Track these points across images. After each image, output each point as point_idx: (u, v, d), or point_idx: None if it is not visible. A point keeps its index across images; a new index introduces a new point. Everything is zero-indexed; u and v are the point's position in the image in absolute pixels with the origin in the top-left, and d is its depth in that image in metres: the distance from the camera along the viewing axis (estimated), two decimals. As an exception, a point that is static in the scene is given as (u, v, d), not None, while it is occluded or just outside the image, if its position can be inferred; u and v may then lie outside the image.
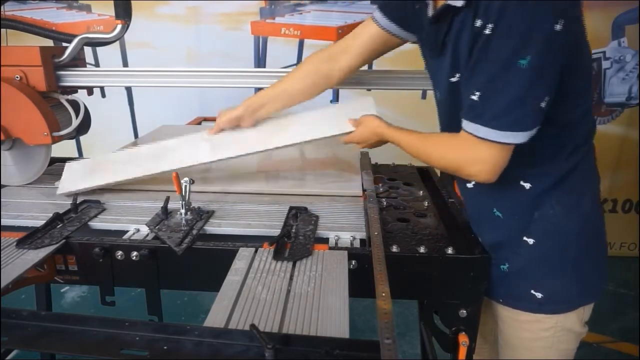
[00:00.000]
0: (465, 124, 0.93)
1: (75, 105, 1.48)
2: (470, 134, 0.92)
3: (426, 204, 1.32)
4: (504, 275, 1.07)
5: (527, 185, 1.00)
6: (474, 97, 0.90)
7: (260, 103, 1.31)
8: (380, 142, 1.19)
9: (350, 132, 1.23)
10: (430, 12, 1.00)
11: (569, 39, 0.85)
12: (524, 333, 1.08)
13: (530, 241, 1.02)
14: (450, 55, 0.96)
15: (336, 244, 1.08)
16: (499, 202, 1.05)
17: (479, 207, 1.10)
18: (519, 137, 0.89)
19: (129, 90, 3.27)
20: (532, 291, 1.04)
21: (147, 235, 1.11)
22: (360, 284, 0.94)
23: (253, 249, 1.00)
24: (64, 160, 1.69)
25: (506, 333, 1.12)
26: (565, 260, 1.02)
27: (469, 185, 1.09)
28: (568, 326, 1.05)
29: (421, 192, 1.40)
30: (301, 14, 3.07)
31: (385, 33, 1.18)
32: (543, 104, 0.87)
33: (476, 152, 0.93)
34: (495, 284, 1.09)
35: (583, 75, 0.95)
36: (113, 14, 1.40)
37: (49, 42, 1.59)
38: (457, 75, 0.97)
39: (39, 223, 1.10)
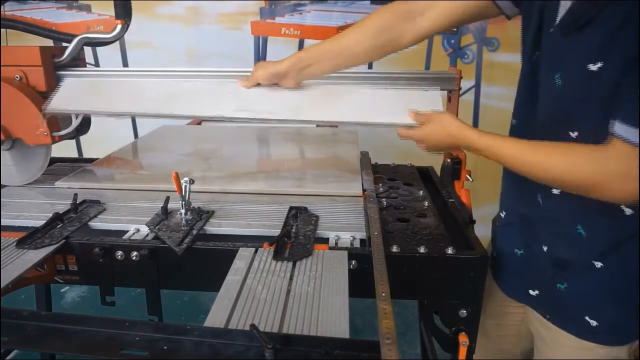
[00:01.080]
0: (625, 130, 0.76)
1: (75, 105, 1.47)
2: (631, 143, 0.75)
3: (426, 204, 1.32)
4: (559, 294, 0.98)
5: (629, 211, 0.88)
6: None
7: (314, 59, 1.11)
8: (453, 148, 1.03)
9: (412, 126, 1.04)
10: None
11: None
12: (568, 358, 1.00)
13: (598, 265, 0.92)
14: (600, 37, 0.78)
15: (336, 244, 1.08)
16: (587, 220, 0.92)
17: (559, 218, 0.95)
18: None
19: (129, 90, 3.26)
20: (587, 317, 0.95)
21: (147, 235, 1.11)
22: (360, 284, 0.94)
23: (253, 249, 1.00)
24: (64, 160, 1.69)
25: (546, 354, 1.05)
26: (632, 292, 0.93)
27: (555, 192, 0.93)
28: (619, 357, 0.98)
29: (421, 192, 1.40)
30: (301, 14, 3.07)
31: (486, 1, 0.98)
32: None
33: (632, 167, 0.75)
34: (545, 299, 1.01)
35: None
36: (113, 14, 1.40)
37: (49, 42, 1.59)
38: (600, 63, 0.79)
39: (39, 223, 1.10)
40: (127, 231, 1.13)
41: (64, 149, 1.56)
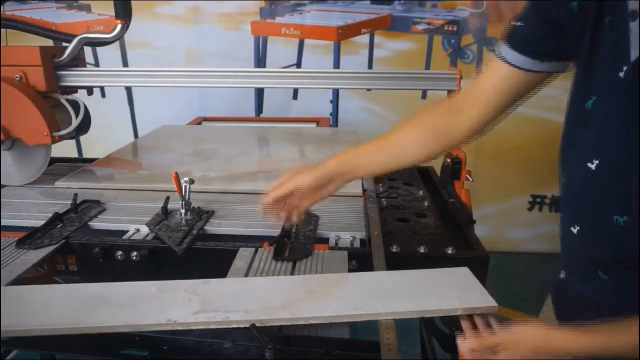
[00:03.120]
0: None
1: (75, 105, 1.48)
2: None
3: (426, 204, 1.32)
4: None
5: None
6: None
7: (361, 160, 0.95)
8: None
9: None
10: None
11: None
12: None
13: None
14: None
15: (336, 244, 1.08)
16: None
17: None
18: None
19: (128, 90, 3.27)
20: None
21: (147, 235, 1.11)
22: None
23: (253, 249, 1.00)
24: (64, 160, 1.69)
25: None
26: None
27: None
28: None
29: (421, 192, 1.40)
30: (301, 13, 3.07)
31: (518, 72, 0.80)
32: None
33: None
34: None
35: None
36: (113, 14, 1.40)
37: (49, 42, 1.60)
38: None
39: (39, 223, 1.10)
40: (127, 231, 1.13)
41: (64, 149, 1.56)
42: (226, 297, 0.79)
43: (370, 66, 3.04)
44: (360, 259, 0.98)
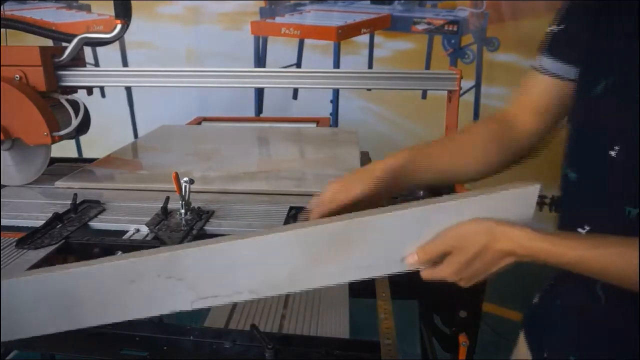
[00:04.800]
0: None
1: (75, 105, 1.48)
2: None
3: (426, 204, 1.31)
4: None
5: None
6: None
7: (426, 160, 0.81)
8: (499, 261, 0.65)
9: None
10: None
11: None
12: None
13: None
14: None
15: (336, 244, 1.08)
16: None
17: None
18: None
19: (128, 90, 3.27)
20: None
21: (147, 235, 1.11)
22: (360, 284, 0.94)
23: (253, 249, 1.00)
24: (64, 160, 1.69)
25: None
26: None
27: None
28: None
29: (421, 192, 1.40)
30: (301, 13, 3.07)
31: (562, 83, 0.78)
32: None
33: None
34: None
35: None
36: (113, 14, 1.40)
37: (49, 42, 1.60)
38: None
39: (39, 223, 1.10)
40: (127, 231, 1.13)
41: (64, 149, 1.56)
42: (215, 279, 0.68)
43: (370, 66, 3.04)
44: (360, 259, 0.98)
